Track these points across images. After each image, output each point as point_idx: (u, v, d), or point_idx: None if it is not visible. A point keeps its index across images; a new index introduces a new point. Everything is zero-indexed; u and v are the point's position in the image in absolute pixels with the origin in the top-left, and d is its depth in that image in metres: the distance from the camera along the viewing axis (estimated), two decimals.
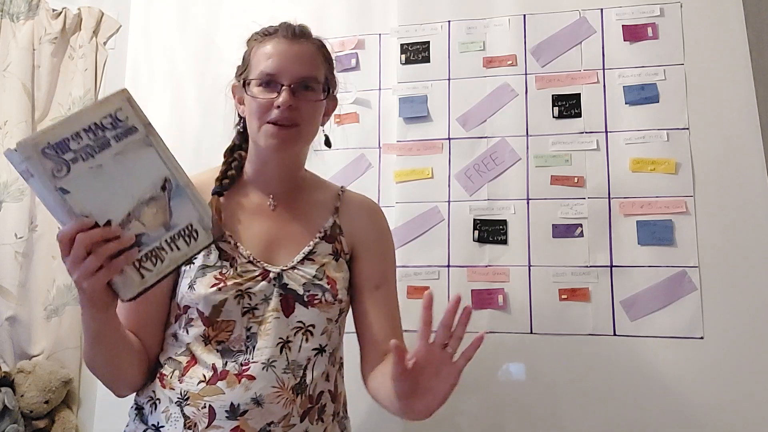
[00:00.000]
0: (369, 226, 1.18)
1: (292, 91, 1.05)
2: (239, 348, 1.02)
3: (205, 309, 1.02)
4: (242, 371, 1.00)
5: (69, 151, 0.76)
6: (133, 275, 0.82)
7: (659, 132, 1.54)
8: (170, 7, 1.93)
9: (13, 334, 1.80)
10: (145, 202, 0.82)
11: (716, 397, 1.40)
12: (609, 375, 1.47)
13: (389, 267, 1.20)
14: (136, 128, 0.81)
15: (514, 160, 1.61)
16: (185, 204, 0.85)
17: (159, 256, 0.83)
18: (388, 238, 1.22)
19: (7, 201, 1.88)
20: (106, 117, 0.79)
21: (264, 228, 1.10)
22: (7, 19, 1.97)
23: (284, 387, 1.00)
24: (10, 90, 1.91)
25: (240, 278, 1.03)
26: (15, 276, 1.81)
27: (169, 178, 0.84)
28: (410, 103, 1.69)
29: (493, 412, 1.51)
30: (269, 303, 1.03)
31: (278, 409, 0.99)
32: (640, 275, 1.50)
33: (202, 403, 0.99)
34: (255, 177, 1.15)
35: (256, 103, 1.07)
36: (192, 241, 0.86)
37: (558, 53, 1.63)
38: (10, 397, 1.67)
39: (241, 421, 0.98)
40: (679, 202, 1.50)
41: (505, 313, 1.55)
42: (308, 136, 1.13)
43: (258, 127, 1.07)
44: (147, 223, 0.82)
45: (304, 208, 1.15)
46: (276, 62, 1.07)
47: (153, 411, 1.04)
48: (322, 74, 1.11)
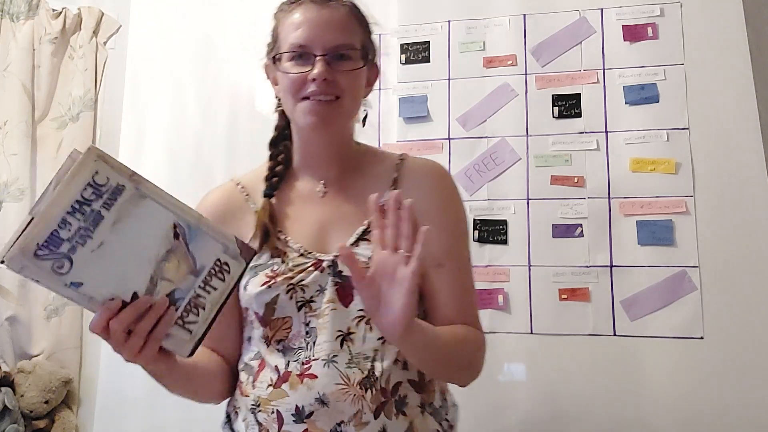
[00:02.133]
0: (430, 195, 1.02)
1: (326, 61, 0.95)
2: (299, 345, 0.95)
3: (259, 309, 0.97)
4: (304, 371, 0.93)
5: (63, 242, 0.68)
6: (181, 334, 0.78)
7: (659, 132, 1.54)
8: (170, 7, 1.93)
9: (13, 334, 1.80)
10: (163, 258, 0.75)
11: (716, 396, 1.40)
12: (609, 375, 1.47)
13: (455, 241, 1.04)
14: (122, 186, 0.72)
15: (514, 160, 1.61)
16: (205, 242, 0.78)
17: (198, 304, 0.78)
18: (452, 206, 1.05)
19: (7, 201, 1.88)
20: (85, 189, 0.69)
21: (314, 216, 1.02)
22: (7, 19, 1.98)
23: (350, 382, 0.92)
24: (10, 90, 1.91)
25: (291, 272, 0.96)
26: (15, 276, 1.79)
27: (177, 223, 0.76)
28: (410, 103, 1.69)
29: (493, 413, 1.51)
30: (325, 294, 0.95)
31: (346, 407, 0.91)
32: (640, 275, 1.49)
33: (271, 408, 0.93)
34: (303, 163, 1.05)
35: (289, 79, 0.97)
36: (226, 275, 0.80)
37: (558, 53, 1.63)
38: (10, 397, 1.67)
39: (309, 423, 0.91)
40: (679, 202, 1.50)
41: (505, 313, 1.55)
42: (351, 109, 1.01)
43: (294, 105, 0.98)
44: (173, 278, 0.76)
45: (358, 187, 1.02)
46: (306, 31, 0.96)
47: (236, 419, 1.01)
48: (358, 40, 1.00)
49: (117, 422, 1.73)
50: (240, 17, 1.84)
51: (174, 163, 1.82)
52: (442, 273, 1.00)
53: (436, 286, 1.00)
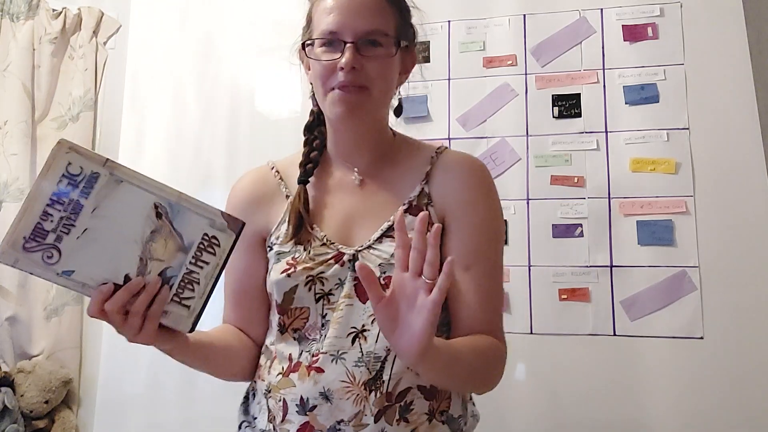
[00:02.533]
0: (461, 192, 0.98)
1: (356, 48, 0.93)
2: (314, 336, 0.94)
3: (278, 296, 0.96)
4: (312, 363, 0.92)
5: (48, 233, 0.73)
6: (179, 311, 0.80)
7: (659, 132, 1.54)
8: (170, 7, 1.93)
9: (13, 334, 1.80)
10: (149, 239, 0.78)
11: (716, 396, 1.40)
12: (609, 375, 1.47)
13: (485, 241, 0.99)
14: (96, 173, 0.76)
15: (514, 160, 1.61)
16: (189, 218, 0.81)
17: (192, 280, 0.81)
18: (486, 204, 1.00)
19: (7, 201, 1.88)
20: (60, 180, 0.74)
21: (345, 205, 0.99)
22: (7, 19, 1.97)
23: (355, 381, 0.90)
24: (10, 90, 1.91)
25: (311, 262, 0.95)
26: (15, 276, 1.81)
27: (158, 203, 0.79)
28: (410, 103, 1.69)
29: (493, 413, 1.51)
30: (343, 288, 0.94)
31: (348, 406, 0.89)
32: (640, 275, 1.49)
33: (279, 396, 0.94)
34: (336, 151, 1.03)
35: (320, 66, 0.95)
36: (216, 248, 0.82)
37: (558, 53, 1.63)
38: (10, 397, 1.67)
39: (311, 416, 0.90)
40: (679, 202, 1.50)
41: (505, 313, 1.53)
42: (381, 99, 0.98)
43: (324, 95, 0.96)
44: (162, 257, 0.79)
45: (392, 179, 1.00)
46: (337, 17, 0.94)
47: (252, 401, 1.01)
48: (392, 25, 0.98)
49: (117, 422, 1.73)
50: (240, 17, 1.84)
51: (174, 162, 1.81)
52: (468, 276, 0.96)
53: (461, 288, 0.96)
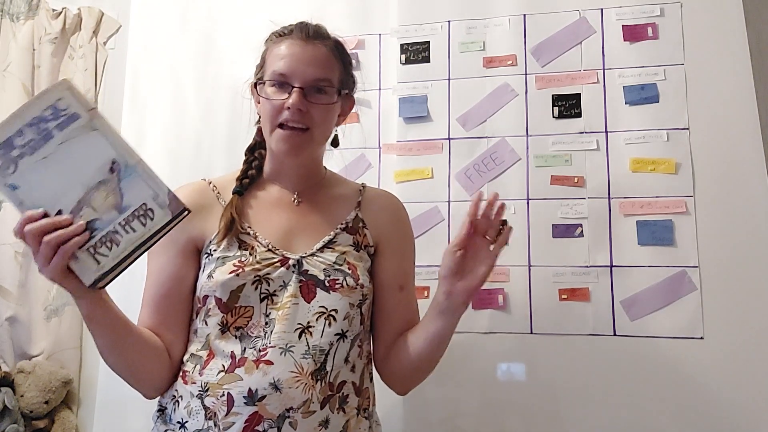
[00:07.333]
0: (393, 224, 1.20)
1: (304, 93, 1.06)
2: (257, 334, 1.02)
3: (223, 295, 1.03)
4: (260, 357, 1.00)
5: (15, 148, 0.79)
6: (89, 262, 0.83)
7: (659, 132, 1.54)
8: (170, 7, 1.93)
9: (13, 334, 1.80)
10: (94, 187, 0.82)
11: (716, 397, 1.40)
12: (609, 375, 1.46)
13: (412, 266, 1.22)
14: (78, 115, 0.81)
15: (514, 160, 1.61)
16: (137, 184, 0.84)
17: (114, 240, 0.84)
18: (411, 236, 1.23)
19: (8, 201, 1.88)
20: (46, 109, 0.80)
21: (284, 220, 1.12)
22: (7, 19, 1.97)
23: (303, 372, 1.00)
24: (10, 90, 1.91)
25: (258, 264, 1.04)
26: (15, 276, 1.81)
27: (116, 160, 0.83)
28: (410, 103, 1.69)
29: (493, 413, 1.51)
30: (287, 289, 1.04)
31: (297, 395, 0.98)
32: (640, 275, 1.49)
33: (221, 391, 0.99)
34: (274, 176, 1.18)
35: (269, 104, 1.08)
36: (148, 220, 0.85)
37: (558, 53, 1.63)
38: (10, 397, 1.67)
39: (260, 406, 0.97)
40: (679, 202, 1.50)
41: (505, 313, 1.54)
42: (320, 140, 1.14)
43: (270, 131, 1.09)
44: (98, 207, 0.83)
45: (325, 202, 1.17)
46: (288, 63, 1.08)
47: (176, 409, 1.04)
48: (335, 76, 1.12)
49: (117, 422, 1.73)
50: (240, 17, 1.84)
51: (174, 162, 1.81)
52: (402, 296, 1.16)
53: (396, 306, 1.16)
